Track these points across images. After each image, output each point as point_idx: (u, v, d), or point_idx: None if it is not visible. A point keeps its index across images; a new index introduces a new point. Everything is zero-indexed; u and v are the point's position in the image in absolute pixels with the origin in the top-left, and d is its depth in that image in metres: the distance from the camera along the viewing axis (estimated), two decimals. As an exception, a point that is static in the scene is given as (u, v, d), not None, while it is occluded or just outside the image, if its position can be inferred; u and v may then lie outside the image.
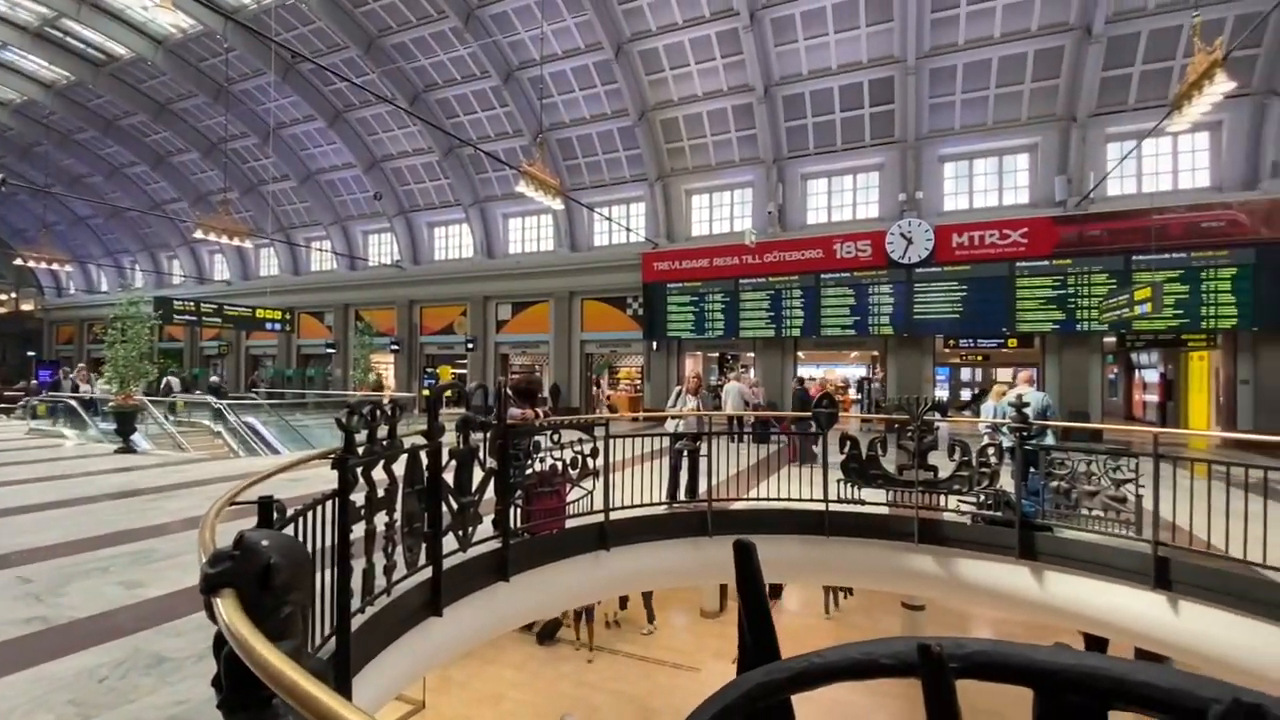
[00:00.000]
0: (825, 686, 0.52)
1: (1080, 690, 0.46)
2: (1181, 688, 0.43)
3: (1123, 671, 0.46)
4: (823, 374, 22.91)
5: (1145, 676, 0.45)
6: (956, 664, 0.48)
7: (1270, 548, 4.47)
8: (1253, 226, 12.48)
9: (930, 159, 15.64)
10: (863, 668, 0.50)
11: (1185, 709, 0.42)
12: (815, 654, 0.52)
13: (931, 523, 6.15)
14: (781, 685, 0.51)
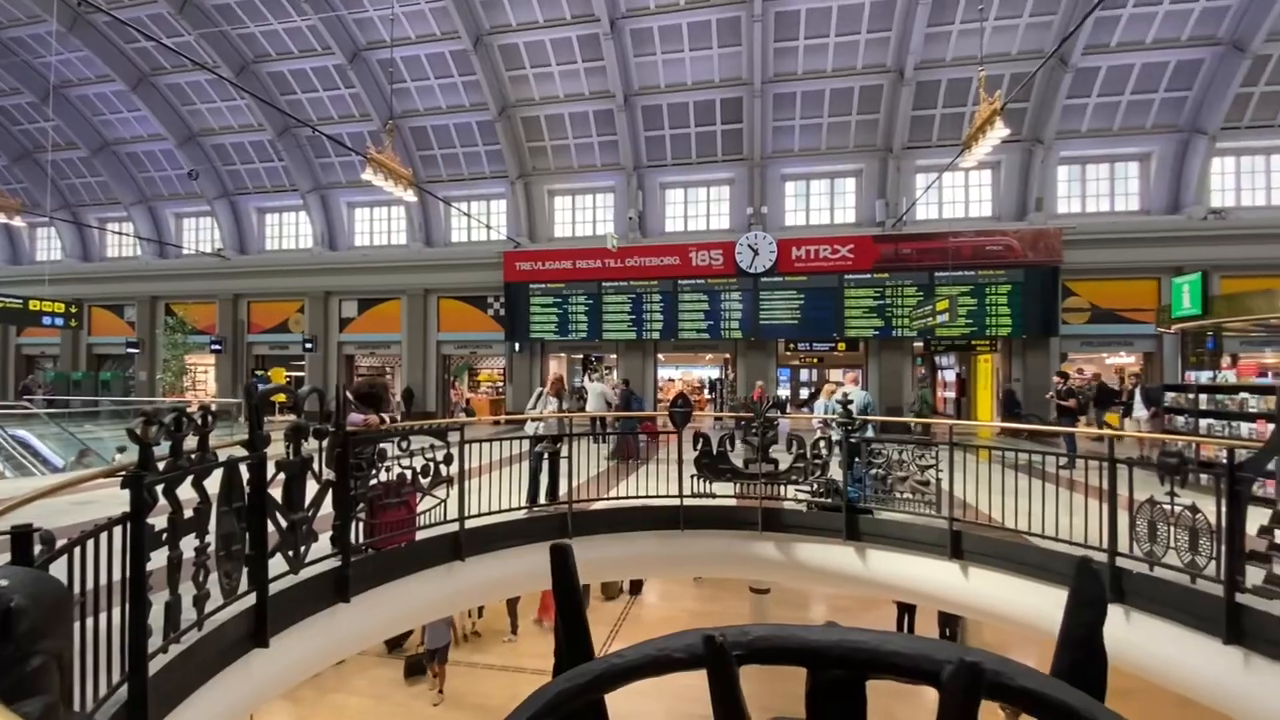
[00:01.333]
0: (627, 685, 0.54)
1: (843, 664, 0.51)
2: (921, 653, 0.49)
3: (876, 643, 0.51)
4: (681, 375, 23.89)
5: (893, 646, 0.50)
6: (740, 651, 0.51)
7: (1034, 519, 5.37)
8: (1022, 251, 15.04)
9: (774, 177, 16.95)
10: (660, 663, 0.52)
11: (925, 671, 0.48)
12: (615, 654, 0.54)
13: (774, 511, 6.66)
14: (583, 689, 0.52)
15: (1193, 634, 4.24)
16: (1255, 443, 6.29)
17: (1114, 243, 14.85)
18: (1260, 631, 3.86)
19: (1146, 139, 15.04)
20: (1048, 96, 14.54)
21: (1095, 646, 0.58)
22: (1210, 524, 4.09)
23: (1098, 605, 0.59)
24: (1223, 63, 13.75)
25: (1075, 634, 0.58)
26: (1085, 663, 0.58)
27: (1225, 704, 4.32)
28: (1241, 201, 15.05)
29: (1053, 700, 0.46)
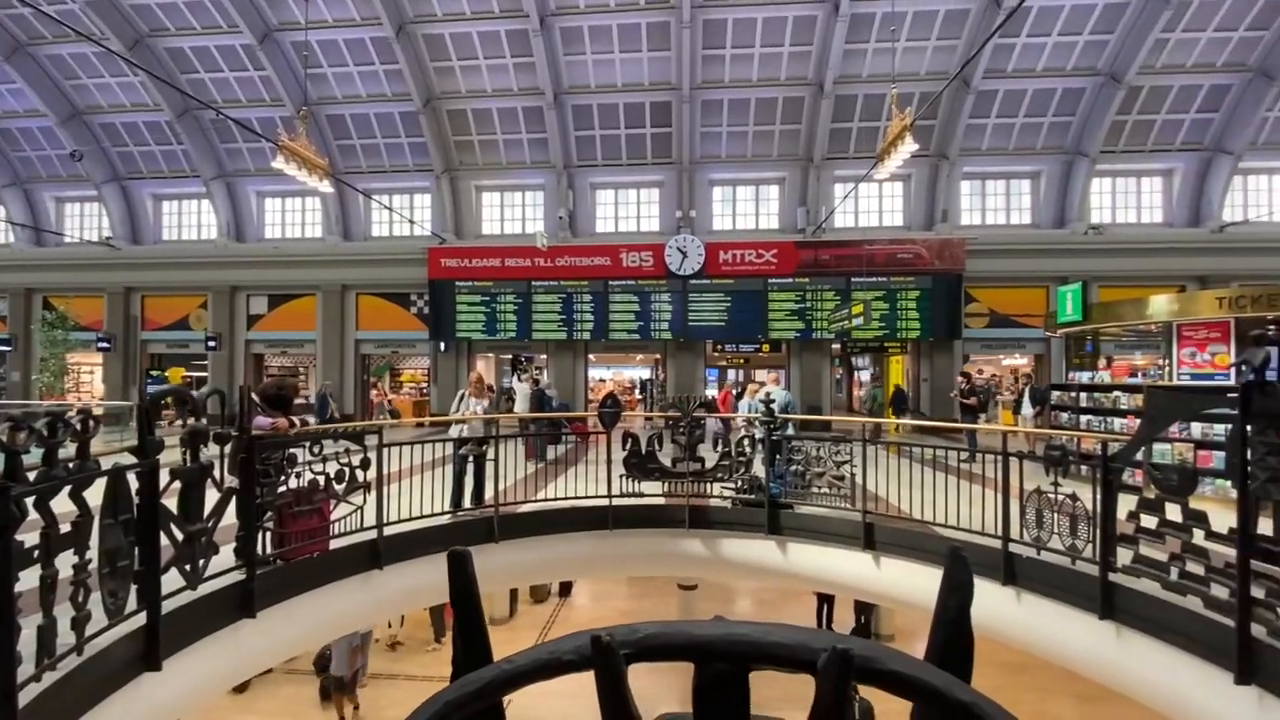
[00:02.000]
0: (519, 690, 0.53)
1: (728, 657, 0.52)
2: (800, 643, 0.51)
3: (759, 635, 0.52)
4: (612, 375, 23.91)
5: (775, 638, 0.52)
6: (629, 649, 0.51)
7: (939, 510, 5.75)
8: (929, 260, 16.04)
9: (702, 181, 17.29)
10: (550, 666, 0.52)
11: (803, 660, 0.50)
12: (506, 660, 0.53)
13: (700, 509, 6.79)
14: (472, 697, 0.51)
15: (1074, 611, 4.66)
16: (1125, 436, 6.99)
17: (1009, 253, 16.10)
18: (1129, 606, 4.30)
19: (1037, 159, 16.41)
20: (952, 115, 15.59)
21: (963, 628, 0.62)
22: (1088, 510, 4.51)
23: (965, 589, 0.63)
24: (1101, 92, 15.20)
25: (946, 616, 0.63)
26: (954, 643, 0.62)
27: (1100, 673, 4.78)
28: (1116, 219, 16.69)
29: (917, 681, 0.49)
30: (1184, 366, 8.27)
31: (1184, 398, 5.41)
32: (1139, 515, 4.14)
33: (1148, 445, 4.69)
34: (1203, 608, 3.76)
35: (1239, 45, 14.47)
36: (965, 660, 0.62)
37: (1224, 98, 15.24)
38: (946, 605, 0.63)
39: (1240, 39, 14.36)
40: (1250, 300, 7.86)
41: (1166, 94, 15.30)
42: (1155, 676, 4.18)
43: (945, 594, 0.64)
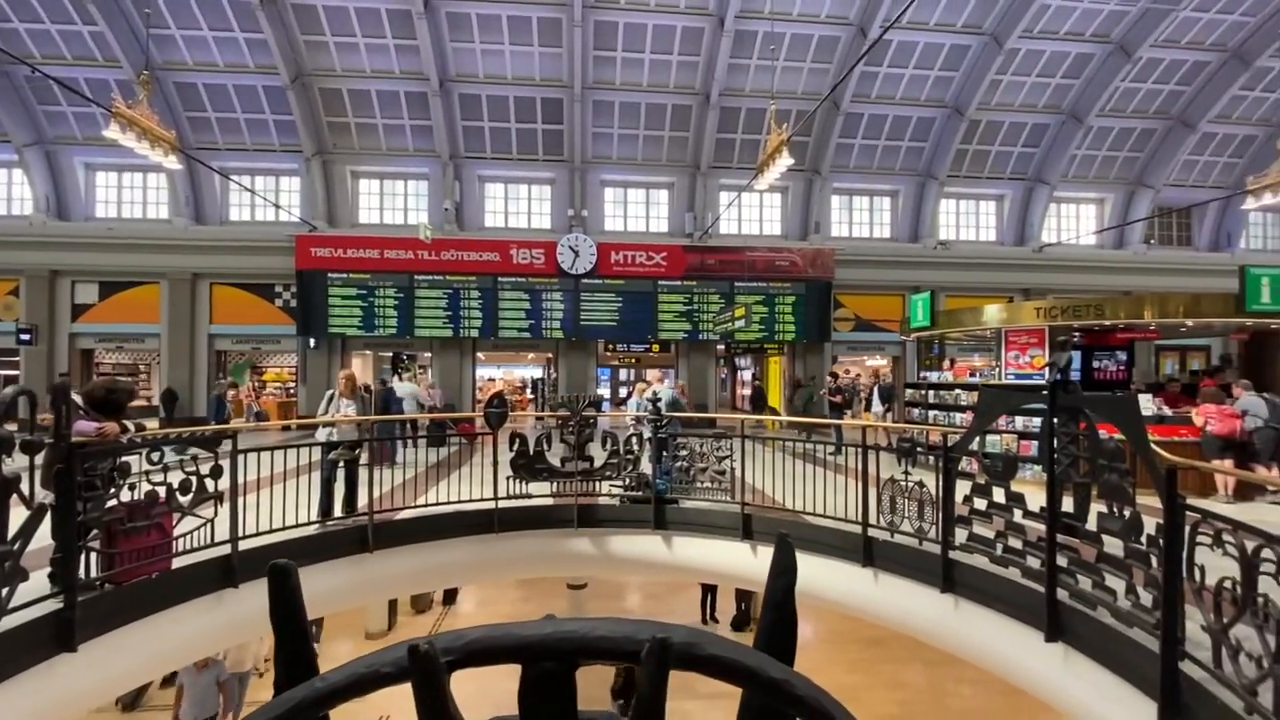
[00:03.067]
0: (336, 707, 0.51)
1: (555, 655, 0.52)
2: (625, 635, 0.52)
3: (585, 630, 0.52)
4: (503, 375, 23.38)
5: (601, 632, 0.52)
6: (453, 656, 0.50)
7: (808, 499, 6.17)
8: (804, 267, 17.19)
9: (594, 181, 17.35)
10: (367, 681, 0.50)
11: (628, 652, 0.51)
12: (320, 677, 0.51)
13: (589, 507, 6.82)
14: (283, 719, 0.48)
15: (921, 587, 5.20)
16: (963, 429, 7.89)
17: (872, 264, 17.64)
18: (965, 580, 4.86)
19: (896, 179, 18.10)
20: (824, 134, 16.81)
21: (788, 610, 0.67)
22: (932, 496, 5.06)
23: (790, 573, 0.68)
24: (948, 122, 17.06)
25: (773, 599, 0.67)
26: (780, 624, 0.66)
27: (943, 640, 5.37)
28: (960, 236, 18.80)
29: (733, 663, 0.51)
30: (1010, 368, 9.51)
31: (1006, 395, 6.22)
32: (972, 499, 4.71)
33: (980, 437, 5.35)
34: (1020, 577, 4.34)
35: (1055, 90, 16.83)
36: (789, 640, 0.66)
37: (1043, 135, 17.66)
38: (773, 589, 0.67)
39: (1056, 85, 16.70)
40: (1060, 311, 9.18)
41: (999, 129, 17.47)
42: (985, 639, 4.76)
43: (772, 578, 0.68)
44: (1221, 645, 2.79)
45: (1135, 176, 18.40)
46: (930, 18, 15.16)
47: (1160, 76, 16.56)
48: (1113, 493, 3.49)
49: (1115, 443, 3.63)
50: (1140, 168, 18.27)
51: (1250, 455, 7.59)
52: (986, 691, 9.03)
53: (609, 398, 20.21)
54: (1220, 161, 18.45)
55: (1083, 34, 15.65)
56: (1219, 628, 2.78)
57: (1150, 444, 3.36)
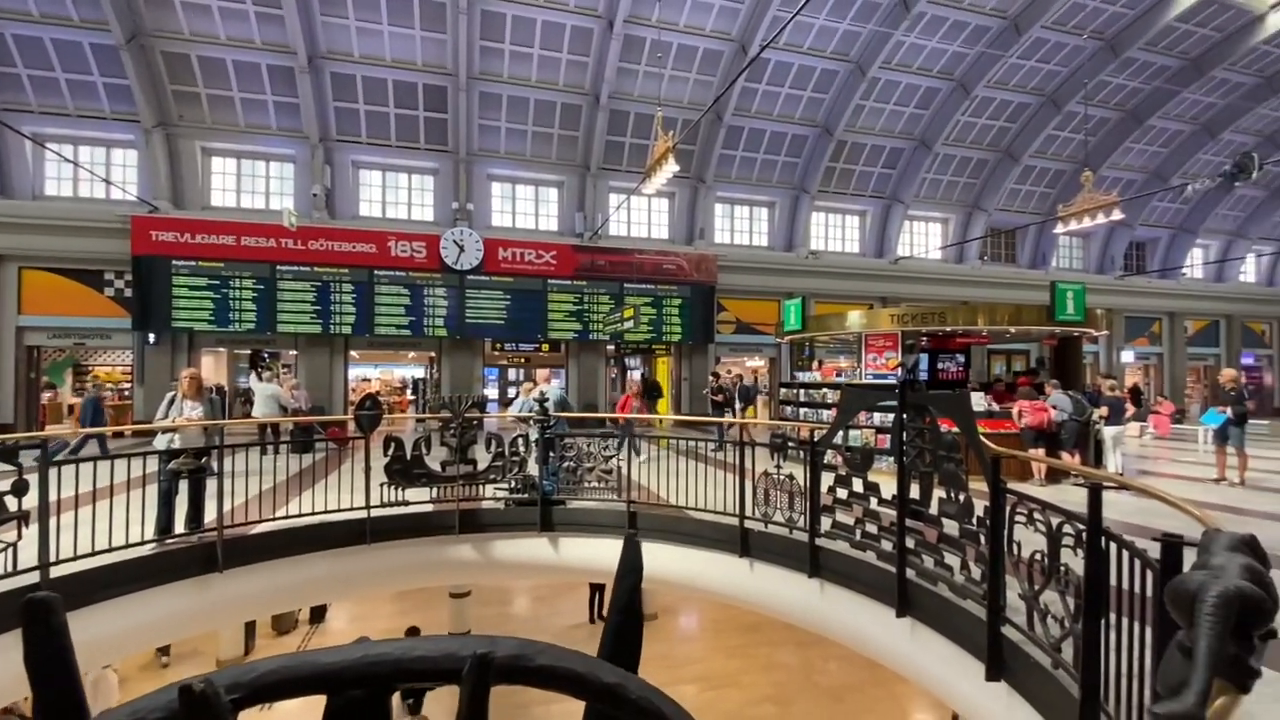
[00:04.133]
0: None
1: (365, 682, 0.48)
2: (447, 653, 0.49)
3: (400, 652, 0.49)
4: (380, 374, 22.05)
5: (419, 652, 0.49)
6: (240, 693, 0.46)
7: (693, 496, 6.37)
8: (689, 271, 17.77)
9: (480, 174, 16.84)
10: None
11: (449, 671, 0.48)
12: (97, 716, 0.44)
13: (471, 512, 6.61)
14: None
15: (792, 573, 5.56)
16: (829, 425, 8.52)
17: (751, 270, 18.59)
18: (829, 564, 5.26)
19: (773, 190, 19.21)
20: (708, 144, 17.48)
21: (634, 611, 0.67)
22: (801, 487, 5.42)
23: (636, 574, 0.68)
24: (819, 141, 18.38)
25: (618, 602, 0.67)
26: (626, 627, 0.66)
27: (811, 622, 5.76)
28: (829, 247, 20.31)
29: (563, 671, 0.50)
30: (870, 369, 10.43)
31: (864, 393, 6.82)
32: (835, 489, 5.11)
33: (843, 432, 5.81)
34: (876, 559, 4.77)
35: (909, 119, 18.67)
36: (634, 641, 0.66)
37: (899, 159, 19.53)
38: (619, 591, 0.67)
39: (910, 114, 18.53)
40: (910, 318, 10.21)
41: (863, 150, 19.09)
42: (846, 618, 5.18)
43: (618, 579, 0.67)
44: (1033, 610, 3.23)
45: (972, 200, 20.85)
46: (804, 42, 16.25)
47: (992, 113, 18.90)
48: (950, 480, 3.94)
49: (952, 435, 4.10)
50: (976, 193, 20.74)
51: (1058, 444, 8.88)
52: (851, 667, 9.83)
53: (496, 398, 19.73)
54: (1038, 191, 21.39)
55: (931, 70, 17.50)
56: (1031, 595, 3.22)
57: (979, 436, 3.83)
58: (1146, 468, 11.03)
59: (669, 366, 19.20)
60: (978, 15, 16.08)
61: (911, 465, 4.36)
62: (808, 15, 15.44)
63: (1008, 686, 3.50)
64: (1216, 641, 0.92)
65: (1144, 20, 16.47)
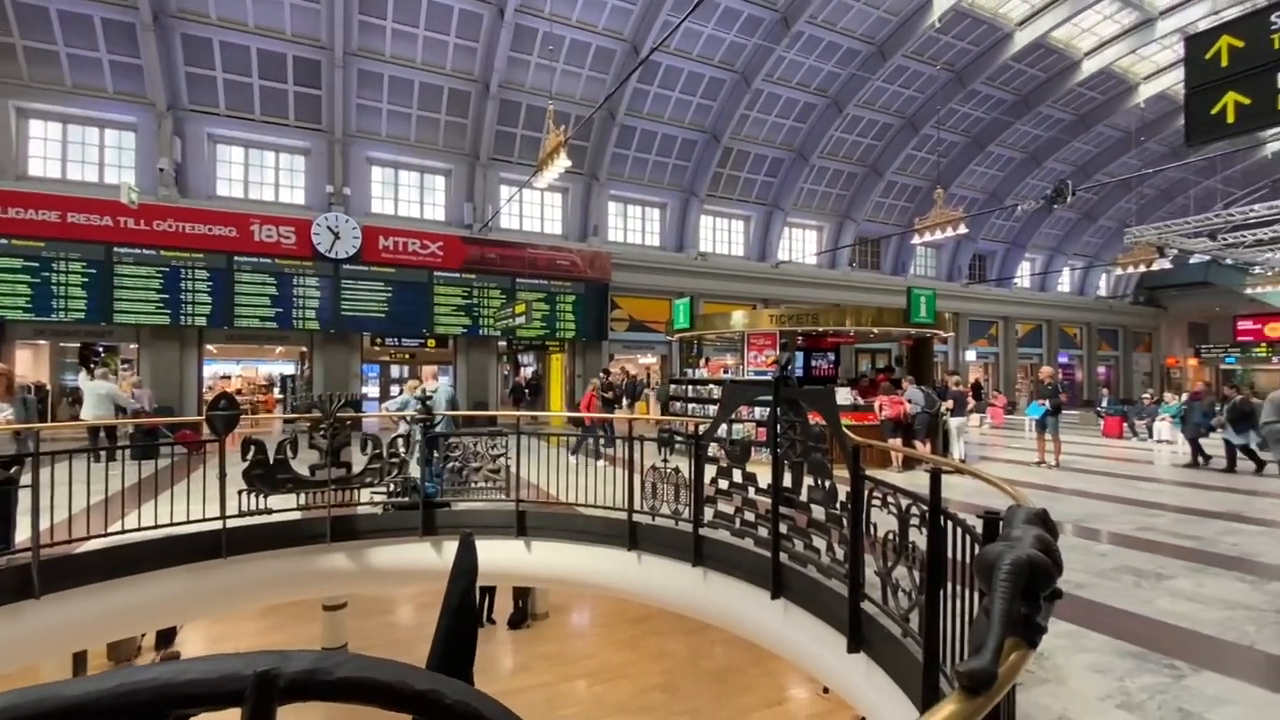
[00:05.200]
0: None
1: (124, 714, 0.42)
2: (224, 673, 0.44)
3: (168, 676, 0.43)
4: (242, 370, 20.16)
5: (192, 675, 0.44)
6: None
7: (583, 492, 6.39)
8: (583, 268, 17.77)
9: (359, 158, 15.80)
10: None
11: (230, 693, 0.43)
12: None
13: (345, 519, 6.20)
14: None
15: (677, 564, 5.74)
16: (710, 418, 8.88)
17: (644, 269, 18.93)
18: (712, 553, 5.49)
19: (665, 192, 19.66)
20: (601, 142, 17.56)
21: (467, 611, 0.64)
22: (686, 480, 5.62)
23: (470, 574, 0.67)
24: (707, 147, 19.04)
25: (449, 604, 0.65)
26: (456, 631, 0.63)
27: (696, 609, 5.99)
28: (716, 249, 21.12)
29: (371, 683, 0.46)
30: (752, 366, 10.99)
31: (743, 388, 7.20)
32: (717, 480, 5.35)
33: (727, 425, 6.10)
34: (754, 546, 5.05)
35: (789, 131, 19.82)
36: (467, 646, 0.64)
37: (780, 168, 20.69)
38: (450, 593, 0.64)
39: (790, 126, 19.68)
40: (787, 318, 10.89)
41: (748, 158, 20.02)
42: (727, 603, 5.44)
43: (451, 581, 0.65)
44: (887, 585, 3.57)
45: (843, 211, 22.55)
46: (694, 49, 16.76)
47: (861, 131, 20.54)
48: (817, 468, 4.26)
49: (820, 427, 4.43)
50: (846, 204, 22.45)
51: (913, 434, 9.85)
52: (734, 649, 10.32)
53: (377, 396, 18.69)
54: (899, 205, 23.53)
55: (809, 86, 18.69)
56: (885, 571, 3.55)
57: (843, 427, 4.17)
58: (985, 453, 12.52)
59: (563, 363, 19.09)
60: (849, 39, 17.39)
61: (784, 455, 4.66)
62: (697, 23, 15.94)
63: (866, 657, 3.84)
64: (1008, 604, 1.08)
65: (986, 57, 18.62)
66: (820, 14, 16.44)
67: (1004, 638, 1.04)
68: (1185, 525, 6.54)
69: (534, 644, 11.05)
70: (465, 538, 0.67)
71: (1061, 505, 7.53)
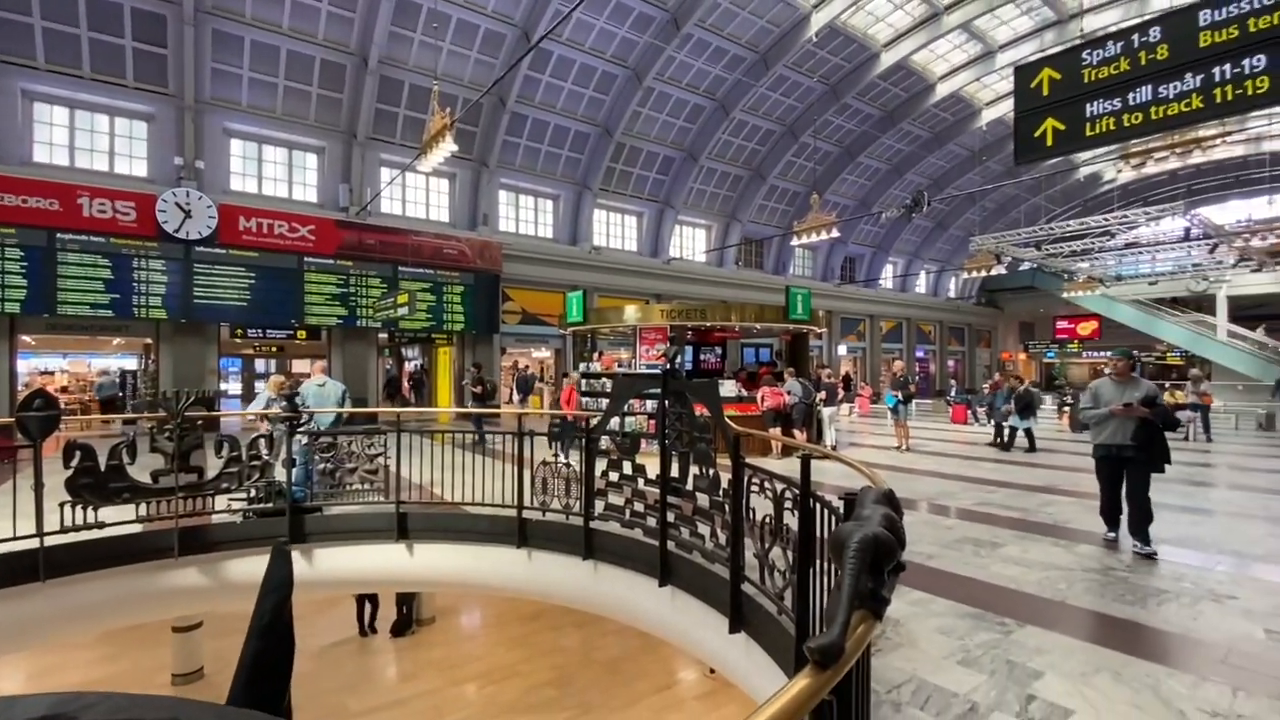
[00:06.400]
0: None
1: None
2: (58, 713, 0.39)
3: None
4: (69, 364, 17.66)
5: None
6: None
7: (471, 490, 6.16)
8: (472, 258, 17.16)
9: (214, 128, 14.21)
10: None
11: None
12: None
13: (196, 530, 5.59)
14: None
15: (568, 558, 5.72)
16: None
17: (537, 261, 18.63)
18: (603, 545, 5.53)
19: (558, 184, 19.44)
20: (491, 128, 17.03)
21: (280, 630, 0.57)
22: (577, 474, 5.61)
23: (283, 589, 0.59)
24: (600, 140, 19.05)
25: (260, 623, 0.57)
26: (265, 653, 0.55)
27: (588, 603, 6.01)
28: (610, 244, 21.22)
29: None
30: (644, 359, 11.19)
31: (632, 382, 7.32)
32: (608, 473, 5.39)
33: (619, 418, 6.16)
34: (643, 536, 5.15)
35: (679, 131, 20.29)
36: (281, 668, 0.56)
37: (671, 167, 21.14)
38: (260, 611, 0.57)
39: (680, 126, 20.15)
40: (677, 313, 11.19)
41: (640, 154, 20.27)
42: (617, 594, 5.51)
43: (261, 597, 0.57)
44: (764, 566, 3.77)
45: (730, 212, 23.48)
46: (586, 40, 16.67)
47: (746, 135, 21.45)
48: (702, 458, 4.42)
49: (705, 418, 4.59)
50: (733, 205, 23.40)
51: (791, 423, 10.49)
52: (625, 639, 10.48)
53: (239, 393, 17.05)
54: (780, 208, 24.87)
55: (698, 88, 19.23)
56: (762, 553, 3.76)
57: (725, 418, 4.35)
58: (854, 440, 13.60)
59: (451, 357, 18.36)
60: (735, 45, 18.07)
61: (672, 446, 4.79)
62: (589, 15, 15.86)
63: (746, 635, 4.04)
64: (853, 579, 1.18)
65: (857, 74, 20.09)
66: (709, 18, 16.94)
67: (851, 612, 1.13)
68: (1014, 499, 7.50)
69: (420, 650, 10.59)
70: (278, 547, 0.60)
71: (917, 485, 8.36)
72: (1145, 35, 3.41)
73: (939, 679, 3.18)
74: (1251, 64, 3.06)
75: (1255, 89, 3.06)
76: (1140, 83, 3.41)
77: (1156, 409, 5.20)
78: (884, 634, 3.70)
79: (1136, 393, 5.27)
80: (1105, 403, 5.37)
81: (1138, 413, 5.14)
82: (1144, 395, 5.22)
